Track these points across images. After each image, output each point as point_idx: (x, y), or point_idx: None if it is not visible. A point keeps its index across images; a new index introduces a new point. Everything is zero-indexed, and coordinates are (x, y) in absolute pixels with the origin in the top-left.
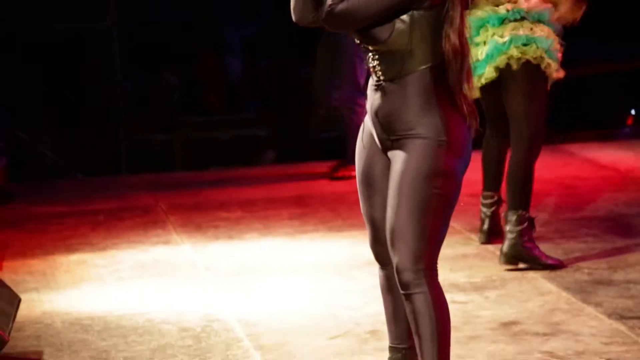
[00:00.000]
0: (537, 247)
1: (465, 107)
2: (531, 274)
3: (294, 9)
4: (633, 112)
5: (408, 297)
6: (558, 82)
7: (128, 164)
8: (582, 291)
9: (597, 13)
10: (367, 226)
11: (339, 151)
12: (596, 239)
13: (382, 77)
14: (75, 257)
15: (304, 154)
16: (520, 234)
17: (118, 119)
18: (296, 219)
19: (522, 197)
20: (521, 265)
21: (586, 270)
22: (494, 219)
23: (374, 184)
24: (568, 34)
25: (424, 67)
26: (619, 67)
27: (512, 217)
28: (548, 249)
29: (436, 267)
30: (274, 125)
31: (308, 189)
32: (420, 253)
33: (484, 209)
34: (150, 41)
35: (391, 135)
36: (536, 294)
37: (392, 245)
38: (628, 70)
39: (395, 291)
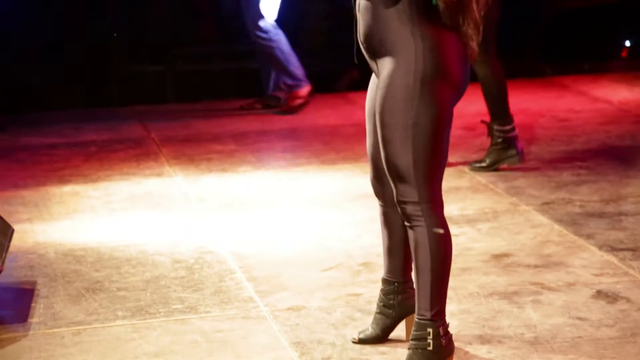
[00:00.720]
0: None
1: (466, 27)
2: (523, 207)
3: None
4: (627, 43)
5: (410, 228)
6: (552, 14)
7: (119, 95)
8: (574, 223)
9: None
10: (369, 162)
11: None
12: (589, 171)
13: None
14: (68, 189)
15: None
16: (503, 140)
17: (109, 50)
18: (289, 152)
19: (498, 106)
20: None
21: (578, 203)
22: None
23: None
24: None
25: None
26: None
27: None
28: (540, 181)
29: (439, 197)
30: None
31: (301, 122)
32: (417, 185)
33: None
34: None
35: (373, 57)
36: (528, 226)
37: (391, 179)
38: (622, 2)
39: (391, 226)
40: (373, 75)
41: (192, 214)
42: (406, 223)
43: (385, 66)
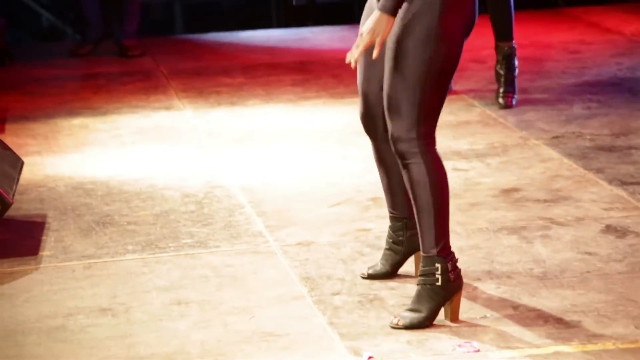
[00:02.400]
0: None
1: None
2: (533, 141)
3: None
4: None
5: (405, 166)
6: None
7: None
8: (584, 157)
9: None
10: (359, 98)
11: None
12: (599, 104)
13: None
14: (77, 121)
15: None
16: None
17: None
18: (298, 85)
19: (504, 27)
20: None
21: (588, 137)
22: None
23: (372, 54)
24: None
25: None
26: None
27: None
28: (550, 115)
29: (433, 135)
30: None
31: (310, 55)
32: (415, 122)
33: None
34: None
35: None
36: (538, 160)
37: (388, 114)
38: None
39: (386, 163)
40: (368, 5)
41: (201, 148)
42: (399, 161)
43: (399, 17)
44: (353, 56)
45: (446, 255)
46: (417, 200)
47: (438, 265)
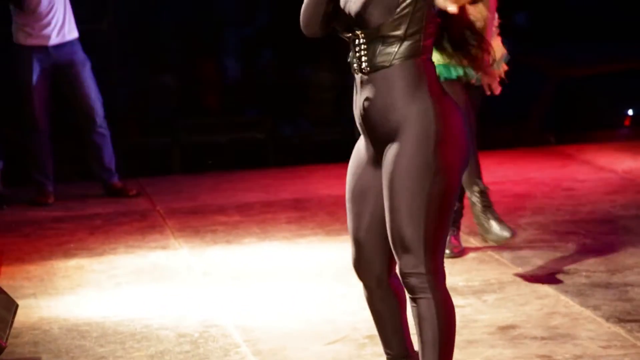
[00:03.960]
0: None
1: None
2: (529, 278)
3: (307, 24)
4: (630, 112)
5: (413, 300)
6: (555, 83)
7: (125, 167)
8: (580, 294)
9: (593, 13)
10: (351, 244)
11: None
12: (594, 241)
13: (367, 68)
14: (73, 262)
15: (301, 157)
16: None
17: (115, 121)
18: (294, 223)
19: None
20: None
21: (584, 273)
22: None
23: (363, 201)
24: (564, 34)
25: (411, 58)
26: (616, 67)
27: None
28: (546, 251)
29: (442, 269)
30: (271, 128)
31: (306, 193)
32: (423, 257)
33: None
34: (147, 44)
35: (380, 129)
36: (534, 297)
37: (395, 250)
38: (625, 71)
39: (379, 310)
40: (357, 152)
41: (197, 287)
42: (409, 295)
43: (397, 135)
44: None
45: None
46: (423, 335)
47: None
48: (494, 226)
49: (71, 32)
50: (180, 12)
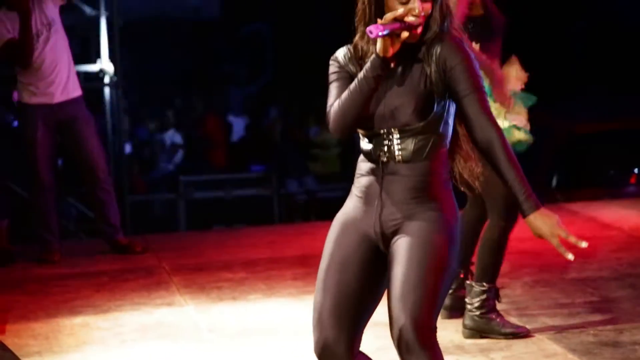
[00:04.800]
0: (499, 316)
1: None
2: (537, 336)
3: (344, 127)
4: (637, 170)
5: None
6: (562, 141)
7: (131, 223)
8: (588, 353)
9: (600, 71)
10: (315, 324)
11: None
12: (601, 299)
13: (400, 159)
14: (78, 320)
15: (306, 213)
16: (480, 306)
17: (121, 178)
18: (300, 279)
19: (491, 269)
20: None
21: (592, 332)
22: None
23: (345, 270)
24: (572, 92)
25: (440, 150)
26: (622, 125)
27: (476, 288)
28: (553, 309)
29: (436, 328)
30: (277, 185)
31: (312, 249)
32: (426, 317)
33: None
34: (154, 100)
35: (401, 212)
36: (542, 355)
37: (399, 307)
38: (631, 128)
39: None
40: (344, 223)
41: (203, 344)
42: (406, 355)
43: (421, 214)
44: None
45: None
46: None
47: None
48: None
49: (75, 90)
50: (186, 70)
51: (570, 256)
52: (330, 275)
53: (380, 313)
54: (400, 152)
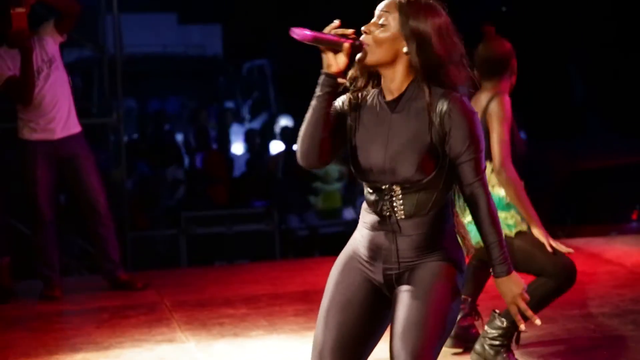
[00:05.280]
0: (508, 354)
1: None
2: None
3: (299, 150)
4: (639, 206)
5: None
6: (563, 177)
7: (133, 259)
8: None
9: (602, 106)
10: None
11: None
12: (603, 335)
13: (402, 215)
14: (79, 357)
15: (308, 249)
16: (495, 337)
17: (123, 214)
18: (302, 316)
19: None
20: None
21: None
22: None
23: (347, 311)
24: (574, 127)
25: (444, 204)
26: (624, 161)
27: (498, 322)
28: (555, 346)
29: None
30: (278, 220)
31: (313, 285)
32: (426, 355)
33: None
34: (155, 136)
35: (405, 265)
36: None
37: (399, 345)
38: (633, 165)
39: None
40: (346, 265)
41: None
42: None
43: (426, 266)
44: None
45: None
46: None
47: None
48: None
49: (75, 126)
50: (187, 105)
51: (522, 327)
52: (332, 315)
53: (382, 349)
54: (402, 208)
